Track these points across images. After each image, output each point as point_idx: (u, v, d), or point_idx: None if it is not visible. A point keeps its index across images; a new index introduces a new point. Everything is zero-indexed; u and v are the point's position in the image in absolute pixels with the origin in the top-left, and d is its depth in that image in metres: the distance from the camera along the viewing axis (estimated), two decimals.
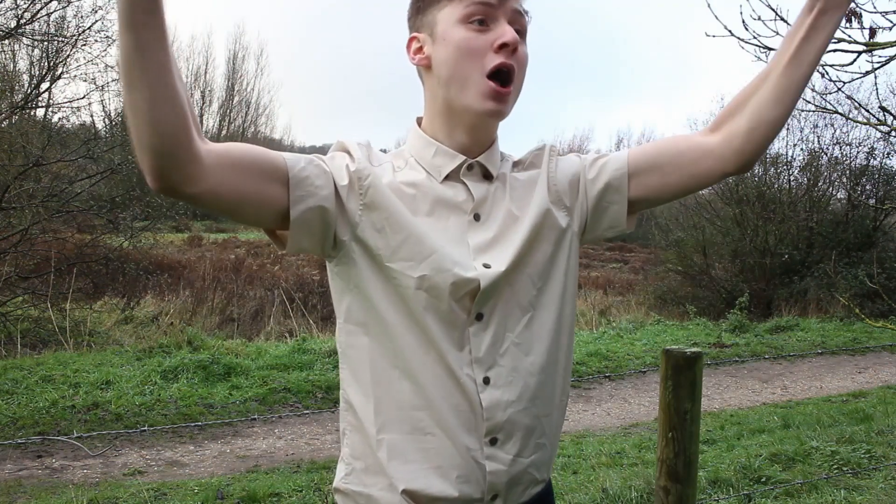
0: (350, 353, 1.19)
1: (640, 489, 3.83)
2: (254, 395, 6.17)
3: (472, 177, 1.20)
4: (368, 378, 1.16)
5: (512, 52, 1.12)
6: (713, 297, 14.71)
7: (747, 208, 14.66)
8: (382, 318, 1.14)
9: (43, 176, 9.97)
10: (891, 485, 4.00)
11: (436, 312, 1.13)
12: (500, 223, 1.19)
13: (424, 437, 1.14)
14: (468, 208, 1.18)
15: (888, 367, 8.34)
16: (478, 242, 1.17)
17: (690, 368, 2.08)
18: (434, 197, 1.17)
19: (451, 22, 1.14)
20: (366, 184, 1.13)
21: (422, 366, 1.13)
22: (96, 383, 6.15)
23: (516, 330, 1.17)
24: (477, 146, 1.20)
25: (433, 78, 1.18)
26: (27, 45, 11.83)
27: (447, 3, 1.15)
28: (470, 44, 1.12)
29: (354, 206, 1.13)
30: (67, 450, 4.96)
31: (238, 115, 39.95)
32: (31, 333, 8.84)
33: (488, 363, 1.15)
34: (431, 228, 1.15)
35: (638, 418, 6.20)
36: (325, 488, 4.10)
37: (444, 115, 1.20)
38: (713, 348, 9.05)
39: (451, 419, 1.13)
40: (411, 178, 1.18)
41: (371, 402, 1.16)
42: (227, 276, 13.13)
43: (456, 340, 1.14)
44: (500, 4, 1.13)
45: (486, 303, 1.15)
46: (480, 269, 1.14)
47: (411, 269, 1.12)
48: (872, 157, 14.50)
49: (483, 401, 1.14)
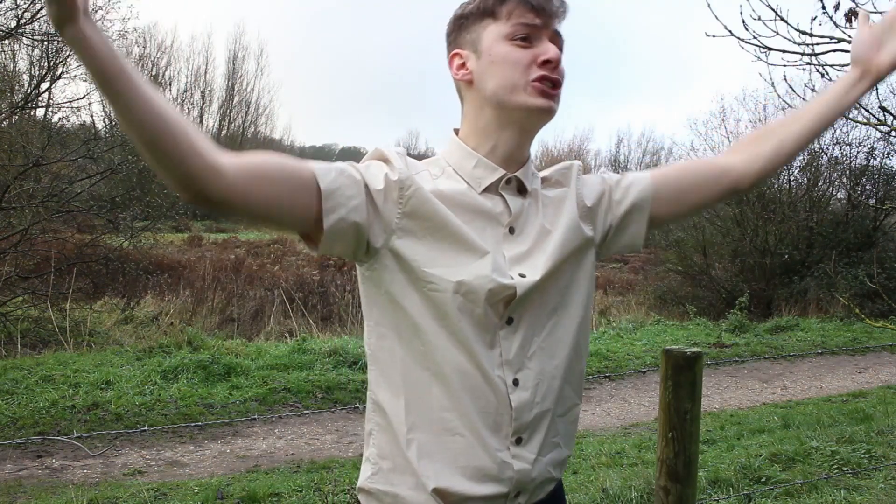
0: (380, 355, 1.21)
1: (640, 489, 3.82)
2: (254, 395, 6.17)
3: (510, 191, 1.23)
4: (399, 380, 1.18)
5: (554, 69, 1.18)
6: (713, 297, 14.70)
7: (747, 208, 14.65)
8: (415, 321, 1.16)
9: (43, 176, 9.97)
10: (891, 485, 3.99)
11: (470, 316, 1.15)
12: (533, 237, 1.23)
13: (453, 438, 1.16)
14: (505, 221, 1.22)
15: (888, 367, 8.34)
16: (513, 254, 1.21)
17: (690, 368, 2.08)
18: (473, 207, 1.20)
19: (495, 39, 1.19)
20: (408, 193, 1.14)
21: (453, 368, 1.15)
22: (96, 383, 6.15)
23: (542, 334, 1.22)
24: (517, 159, 1.24)
25: (476, 93, 1.22)
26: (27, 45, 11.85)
27: (492, 21, 1.20)
28: (515, 57, 1.17)
29: (391, 214, 1.14)
30: (67, 450, 4.96)
31: (238, 115, 39.96)
32: (31, 333, 8.84)
33: (517, 365, 1.19)
34: (470, 237, 1.18)
35: (638, 418, 6.20)
36: (325, 488, 4.10)
37: (488, 128, 1.23)
38: (713, 348, 9.05)
39: (480, 420, 1.16)
40: (451, 187, 1.21)
41: (401, 403, 1.18)
42: (227, 276, 13.12)
43: (487, 343, 1.17)
44: (544, 25, 1.18)
45: (518, 309, 1.19)
46: (517, 278, 1.18)
47: (451, 273, 1.14)
48: (872, 157, 14.50)
49: (513, 402, 1.18)
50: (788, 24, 3.27)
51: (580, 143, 46.31)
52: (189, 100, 37.44)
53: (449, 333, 1.15)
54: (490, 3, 1.20)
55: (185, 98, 37.04)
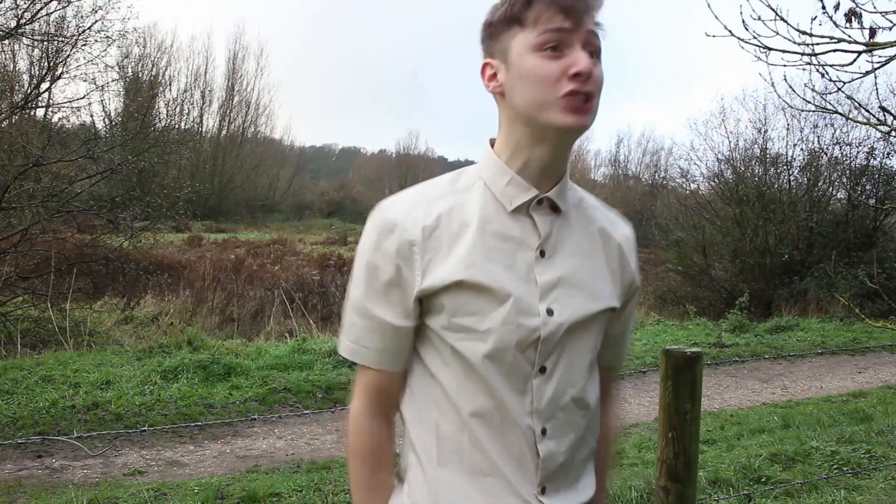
0: (414, 388, 1.22)
1: (640, 489, 3.83)
2: (254, 395, 6.17)
3: (541, 211, 1.18)
4: (432, 421, 1.18)
5: (586, 80, 1.09)
6: (713, 297, 14.71)
7: (747, 208, 14.66)
8: (445, 369, 1.17)
9: (43, 176, 9.97)
10: (891, 485, 4.00)
11: (500, 364, 1.14)
12: (566, 259, 1.19)
13: (484, 479, 1.16)
14: (534, 244, 1.17)
15: (888, 367, 8.34)
16: (545, 280, 1.16)
17: (690, 368, 2.07)
18: (501, 233, 1.16)
19: (523, 50, 1.12)
20: (426, 259, 1.15)
21: (481, 416, 1.15)
22: (96, 383, 6.15)
23: (578, 386, 1.19)
24: (552, 175, 1.19)
25: (508, 106, 1.17)
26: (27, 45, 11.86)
27: (519, 29, 1.12)
28: (543, 71, 1.10)
29: (413, 280, 1.15)
30: (67, 450, 4.96)
31: (238, 114, 40.02)
32: (31, 333, 8.84)
33: (547, 415, 1.16)
34: (500, 270, 1.14)
35: (638, 418, 6.20)
36: (326, 488, 4.10)
37: (521, 142, 1.17)
38: (713, 348, 9.05)
39: (509, 466, 1.15)
40: (478, 212, 1.17)
41: (433, 442, 1.18)
42: (227, 276, 13.11)
43: (518, 391, 1.15)
44: (575, 29, 1.10)
45: (550, 355, 1.16)
46: (544, 316, 1.15)
47: (477, 322, 1.13)
48: (872, 157, 14.50)
49: (540, 451, 1.16)
50: (788, 24, 3.26)
51: (580, 142, 46.31)
52: (189, 100, 37.50)
53: (479, 381, 1.14)
54: (517, 9, 1.12)
55: (185, 98, 37.08)
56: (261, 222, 35.22)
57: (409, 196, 1.20)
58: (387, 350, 1.19)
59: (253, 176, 39.34)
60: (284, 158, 44.49)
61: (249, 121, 40.76)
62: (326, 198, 42.92)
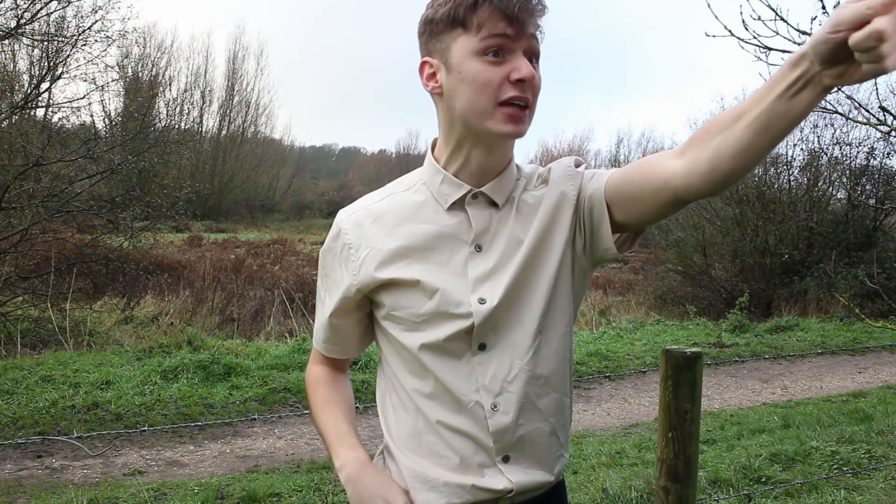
0: (381, 374, 1.34)
1: (640, 489, 3.82)
2: (254, 395, 6.17)
3: (477, 205, 1.21)
4: (392, 402, 1.28)
5: (526, 87, 1.11)
6: (713, 297, 14.70)
7: (747, 208, 14.65)
8: (394, 355, 1.26)
9: (43, 176, 9.96)
10: (891, 485, 3.99)
11: (438, 351, 1.19)
12: (501, 251, 1.20)
13: (441, 459, 1.21)
14: (469, 239, 1.20)
15: (888, 367, 8.34)
16: (477, 274, 1.19)
17: (690, 368, 2.07)
18: (437, 230, 1.21)
19: (466, 54, 1.11)
20: (357, 263, 1.24)
21: (431, 398, 1.20)
22: (96, 383, 6.15)
23: (525, 357, 1.20)
24: (491, 171, 1.21)
25: (447, 107, 1.17)
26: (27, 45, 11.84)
27: (462, 32, 1.12)
28: (484, 77, 1.10)
29: (350, 277, 1.25)
30: (67, 450, 4.96)
31: (238, 114, 40.01)
32: (31, 333, 8.84)
33: (495, 390, 1.19)
34: (431, 267, 1.19)
35: (638, 418, 6.20)
36: (325, 488, 4.10)
37: (459, 143, 1.19)
38: (713, 348, 9.05)
39: (463, 445, 1.20)
40: (414, 211, 1.23)
41: (394, 421, 1.27)
42: (227, 276, 13.12)
43: (462, 373, 1.19)
44: (518, 36, 1.10)
45: (486, 335, 1.19)
46: (475, 306, 1.17)
47: (412, 316, 1.19)
48: (872, 157, 14.49)
49: (490, 426, 1.19)
50: (788, 24, 3.27)
51: (580, 142, 46.38)
52: (189, 100, 37.49)
53: (420, 366, 1.20)
54: (461, 11, 1.11)
55: (184, 98, 37.08)
56: (261, 222, 35.24)
57: (359, 201, 1.29)
58: (328, 339, 1.34)
59: (253, 176, 39.34)
60: (284, 158, 44.52)
61: (249, 121, 40.79)
62: (326, 198, 42.91)
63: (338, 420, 1.30)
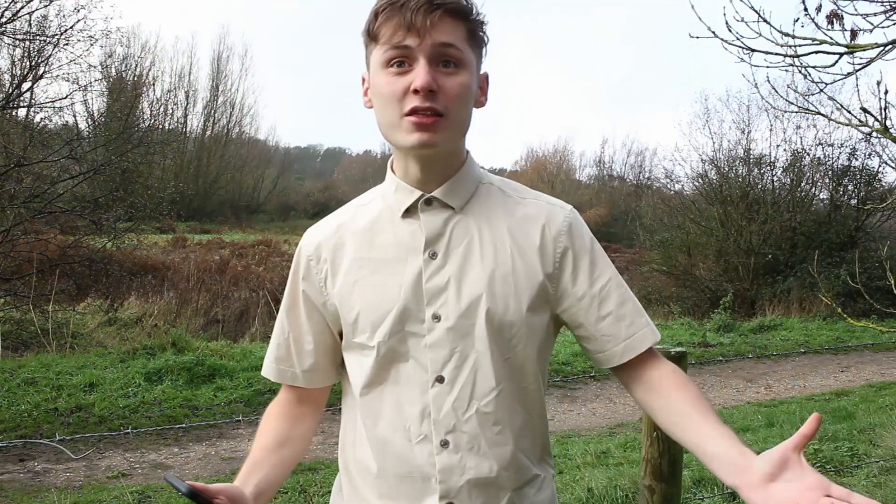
0: (344, 408, 1.29)
1: (625, 488, 3.84)
2: (239, 396, 6.14)
3: (430, 212, 1.15)
4: (347, 438, 1.25)
5: (428, 94, 1.05)
6: (697, 296, 14.79)
7: (731, 208, 14.76)
8: (352, 383, 1.22)
9: (25, 176, 9.87)
10: (873, 482, 4.03)
11: (397, 375, 1.14)
12: (459, 260, 1.13)
13: (386, 499, 1.17)
14: (422, 246, 1.14)
15: (870, 365, 8.42)
16: (432, 286, 1.12)
17: None
18: (393, 240, 1.16)
19: (376, 67, 1.10)
20: (321, 276, 1.22)
21: (376, 429, 1.16)
22: (79, 386, 6.10)
23: (485, 399, 1.12)
24: (435, 178, 1.15)
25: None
26: (8, 44, 11.69)
27: (374, 45, 1.10)
28: (388, 90, 1.08)
29: (317, 294, 1.24)
30: (50, 453, 4.92)
31: (222, 115, 39.76)
32: (13, 335, 8.75)
33: (447, 427, 1.12)
34: (384, 282, 1.14)
35: (623, 418, 6.22)
36: (311, 490, 4.09)
37: (397, 153, 1.18)
38: (697, 348, 9.10)
39: (405, 487, 1.14)
40: (369, 223, 1.20)
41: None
42: (212, 278, 13.05)
43: (418, 402, 1.13)
44: (418, 46, 1.05)
45: (445, 364, 1.12)
46: (429, 322, 1.12)
47: (369, 339, 1.15)
48: (854, 157, 14.66)
49: (438, 463, 1.12)
50: (771, 26, 3.28)
51: (565, 143, 46.54)
52: (173, 100, 37.21)
53: (375, 397, 1.16)
54: (371, 24, 1.09)
55: (169, 98, 36.81)
56: (245, 223, 35.03)
57: (324, 220, 1.27)
58: (278, 359, 1.33)
59: (237, 176, 39.13)
60: (269, 159, 44.31)
61: (234, 121, 40.54)
62: (311, 198, 42.74)
63: (249, 455, 1.22)
